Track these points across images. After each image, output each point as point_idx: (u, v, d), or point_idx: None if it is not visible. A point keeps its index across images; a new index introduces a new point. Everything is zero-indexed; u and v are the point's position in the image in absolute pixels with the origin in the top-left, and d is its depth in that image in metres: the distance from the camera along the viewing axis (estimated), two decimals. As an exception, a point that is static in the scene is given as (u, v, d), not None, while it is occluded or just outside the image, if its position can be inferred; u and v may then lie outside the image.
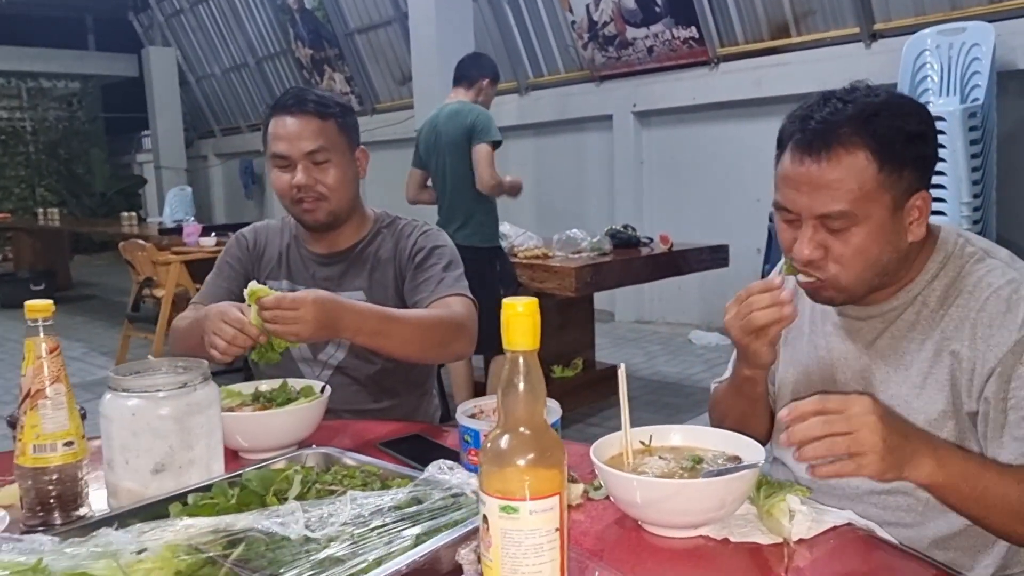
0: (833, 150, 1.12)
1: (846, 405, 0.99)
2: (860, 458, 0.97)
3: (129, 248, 5.81)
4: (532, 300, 0.76)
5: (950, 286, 1.20)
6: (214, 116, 13.09)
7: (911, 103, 1.18)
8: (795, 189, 1.15)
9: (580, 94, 7.14)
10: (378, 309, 1.61)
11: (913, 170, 1.15)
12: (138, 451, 1.12)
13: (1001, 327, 1.13)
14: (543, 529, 0.76)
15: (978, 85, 4.29)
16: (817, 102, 1.17)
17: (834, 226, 1.14)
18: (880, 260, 1.16)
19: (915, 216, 1.17)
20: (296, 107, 1.74)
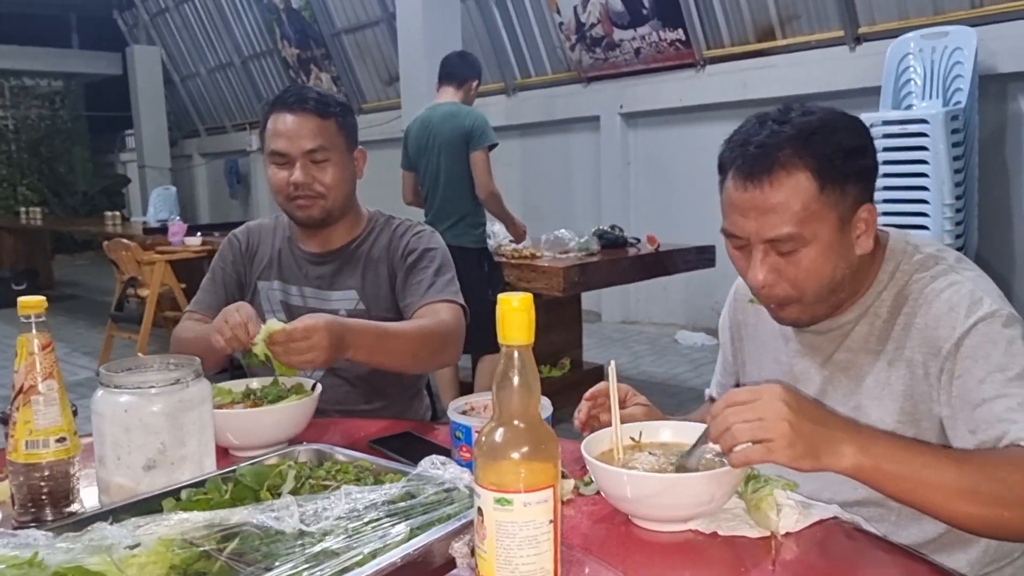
0: (774, 174, 1.12)
1: (755, 395, 1.00)
2: (768, 444, 0.97)
3: (113, 247, 5.77)
4: (527, 295, 0.77)
5: (898, 295, 1.21)
6: (199, 115, 13.03)
7: (845, 118, 1.18)
8: (741, 215, 1.16)
9: (567, 95, 7.16)
10: (373, 326, 1.61)
11: (855, 184, 1.15)
12: (130, 447, 1.12)
13: (945, 327, 1.14)
14: (537, 521, 0.77)
15: (960, 89, 4.34)
16: (754, 126, 1.17)
17: (783, 249, 1.15)
18: (834, 277, 1.17)
19: (862, 229, 1.18)
20: (297, 105, 1.74)
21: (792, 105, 1.19)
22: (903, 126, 4.30)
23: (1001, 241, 4.71)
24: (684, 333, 6.17)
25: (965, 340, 1.12)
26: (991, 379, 1.08)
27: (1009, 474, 0.98)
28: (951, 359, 1.13)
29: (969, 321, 1.12)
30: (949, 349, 1.13)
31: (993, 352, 1.09)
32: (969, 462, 1.01)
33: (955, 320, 1.13)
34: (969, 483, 0.98)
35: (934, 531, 1.19)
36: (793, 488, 1.09)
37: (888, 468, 0.99)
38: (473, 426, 1.22)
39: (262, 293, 1.90)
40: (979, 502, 0.97)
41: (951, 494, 0.98)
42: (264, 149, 1.81)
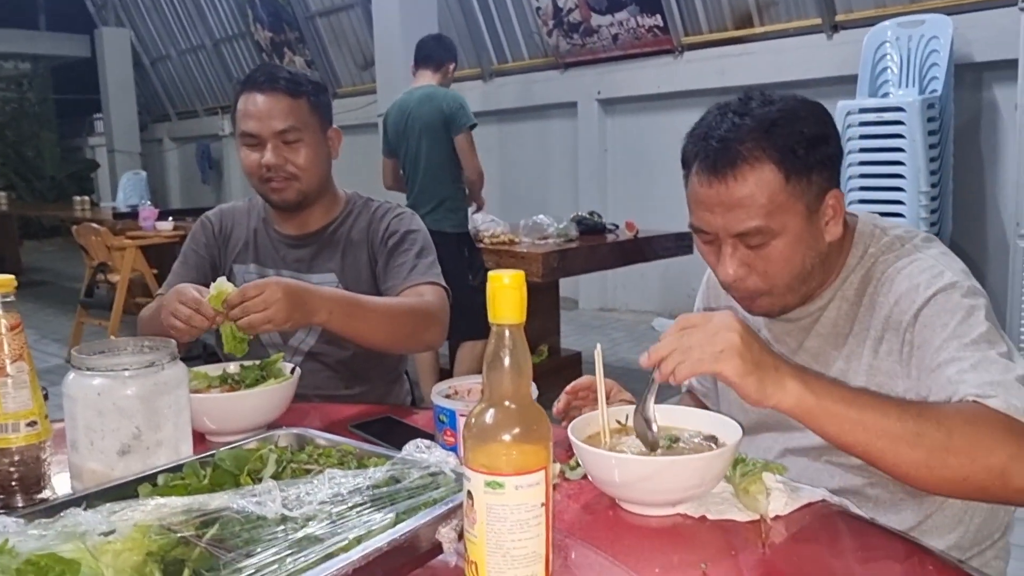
0: (738, 168, 1.11)
1: (707, 317, 1.00)
2: (719, 354, 0.96)
3: (83, 232, 5.67)
4: (519, 273, 0.75)
5: (864, 277, 1.21)
6: (169, 99, 12.83)
7: (806, 106, 1.17)
8: (708, 211, 1.15)
9: (544, 81, 7.13)
10: (347, 294, 1.58)
11: (820, 172, 1.15)
12: (104, 432, 1.08)
13: (906, 302, 1.14)
14: (528, 504, 0.75)
15: (936, 77, 4.37)
16: (715, 118, 1.16)
17: (752, 243, 1.14)
18: (804, 267, 1.17)
19: (830, 215, 1.17)
20: (267, 84, 1.69)
21: (752, 95, 1.17)
22: (880, 114, 4.33)
23: (975, 229, 4.76)
24: (661, 320, 6.18)
25: (923, 310, 1.11)
26: (947, 345, 1.07)
27: (955, 422, 0.96)
28: (910, 330, 1.13)
29: (928, 292, 1.12)
30: (908, 321, 1.13)
31: (950, 321, 1.09)
32: (913, 407, 1.00)
33: (915, 294, 1.13)
34: (914, 427, 0.96)
35: (913, 519, 1.19)
36: (781, 472, 1.08)
37: (831, 407, 0.98)
38: (457, 410, 1.20)
39: (238, 276, 1.85)
40: (924, 446, 0.95)
41: (895, 438, 0.96)
42: (235, 131, 1.76)
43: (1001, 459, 0.94)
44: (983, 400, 0.98)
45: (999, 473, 0.94)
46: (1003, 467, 0.94)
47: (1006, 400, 0.97)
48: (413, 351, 1.79)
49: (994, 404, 0.97)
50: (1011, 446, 0.94)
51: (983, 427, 0.96)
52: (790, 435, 1.26)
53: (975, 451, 0.95)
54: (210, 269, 1.88)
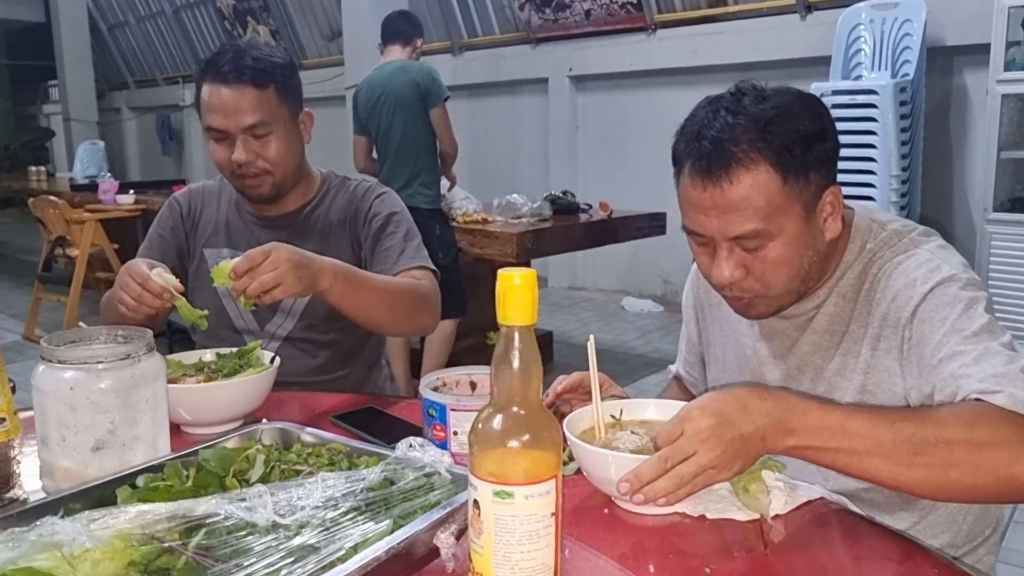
0: (733, 171, 1.07)
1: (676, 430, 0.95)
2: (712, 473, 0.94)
3: (39, 205, 5.50)
4: (530, 272, 0.71)
5: (861, 273, 1.18)
6: (128, 67, 12.47)
7: (801, 100, 1.12)
8: (703, 214, 1.11)
9: (515, 56, 7.04)
10: (348, 265, 1.52)
11: (818, 170, 1.11)
12: (76, 428, 1.02)
13: (903, 298, 1.11)
14: (539, 514, 0.72)
15: (908, 60, 4.38)
16: (707, 115, 1.11)
17: (749, 245, 1.10)
18: (803, 267, 1.14)
19: (828, 212, 1.14)
20: (232, 75, 1.59)
21: (745, 89, 1.13)
22: (852, 96, 4.34)
23: (943, 213, 4.81)
24: (631, 300, 6.19)
25: (921, 305, 1.09)
26: (947, 340, 1.05)
27: (955, 431, 0.92)
28: (909, 327, 1.10)
29: (926, 287, 1.09)
30: (907, 317, 1.10)
31: (950, 314, 1.06)
32: (908, 423, 0.94)
33: (912, 289, 1.11)
34: (910, 447, 0.92)
35: (908, 521, 1.18)
36: (780, 469, 1.06)
37: (823, 446, 0.95)
38: (448, 404, 1.16)
39: (210, 261, 1.77)
40: (922, 465, 0.92)
41: (892, 462, 0.93)
42: (201, 120, 1.67)
43: (1006, 463, 0.91)
44: (987, 397, 0.95)
45: (1007, 478, 0.91)
46: (1010, 471, 0.91)
47: (1011, 394, 0.94)
48: (408, 333, 1.75)
49: (999, 400, 0.94)
50: (1013, 446, 0.91)
51: (985, 432, 0.92)
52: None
53: (978, 460, 0.91)
54: (176, 255, 1.80)
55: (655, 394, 1.48)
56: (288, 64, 1.69)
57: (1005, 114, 4.02)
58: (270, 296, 1.33)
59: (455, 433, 1.16)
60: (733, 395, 0.97)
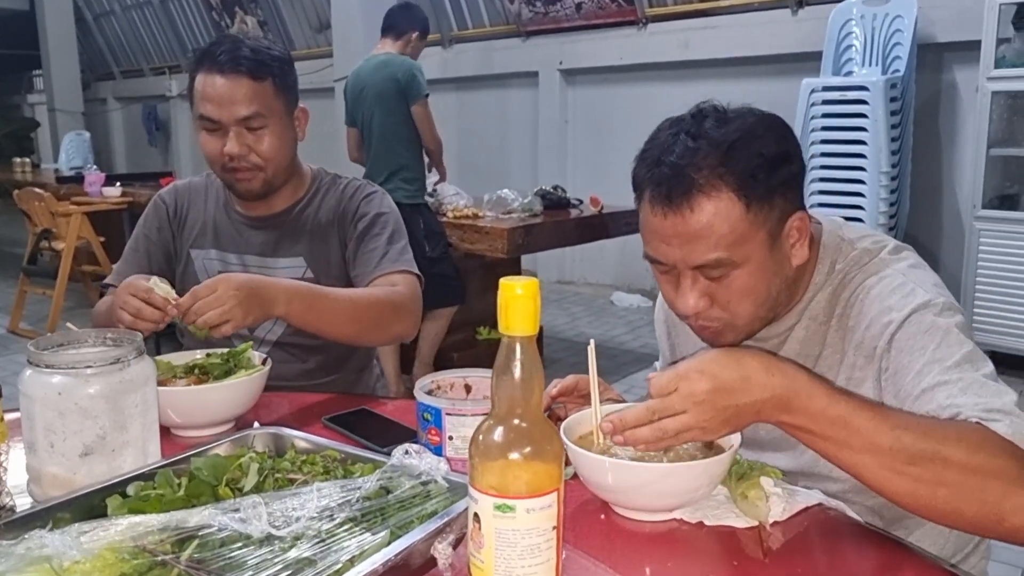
0: (694, 198, 1.02)
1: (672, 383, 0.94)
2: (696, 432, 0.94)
3: (25, 197, 5.43)
4: (532, 281, 0.70)
5: (832, 295, 1.15)
6: (114, 57, 12.35)
7: (764, 122, 1.08)
8: (664, 242, 1.07)
9: (505, 49, 7.00)
10: (307, 285, 1.50)
11: (783, 195, 1.07)
12: (65, 433, 1.00)
13: (877, 326, 1.08)
14: (540, 528, 0.71)
15: (899, 57, 4.39)
16: (666, 139, 1.07)
17: (713, 274, 1.07)
18: (770, 295, 1.10)
19: (795, 238, 1.10)
20: (229, 65, 1.55)
21: (706, 111, 1.09)
22: (843, 92, 4.34)
23: (931, 210, 4.82)
24: (620, 294, 6.18)
25: (897, 334, 1.06)
26: (928, 370, 1.01)
27: (953, 451, 0.88)
28: (886, 356, 1.07)
29: (901, 314, 1.06)
30: (883, 347, 1.07)
31: (929, 343, 1.02)
32: (909, 432, 0.90)
33: (887, 317, 1.07)
34: (906, 455, 0.89)
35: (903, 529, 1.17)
36: (779, 476, 1.06)
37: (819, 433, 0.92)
38: (443, 408, 1.15)
39: (196, 262, 1.74)
40: (911, 476, 0.89)
41: (882, 462, 0.90)
42: (192, 109, 1.62)
43: (996, 495, 0.87)
44: (987, 423, 0.91)
45: (992, 510, 0.88)
46: (998, 504, 0.87)
47: (1012, 423, 0.91)
48: (382, 343, 1.72)
49: (1000, 429, 0.90)
50: (1007, 480, 0.87)
51: (985, 459, 0.88)
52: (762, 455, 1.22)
53: (969, 485, 0.88)
54: (163, 257, 1.76)
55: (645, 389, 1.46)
56: (286, 58, 1.66)
57: (995, 111, 4.04)
58: (218, 332, 1.33)
59: (450, 438, 1.15)
60: (739, 364, 0.93)
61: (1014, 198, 4.16)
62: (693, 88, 5.79)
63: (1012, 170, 4.18)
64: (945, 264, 4.66)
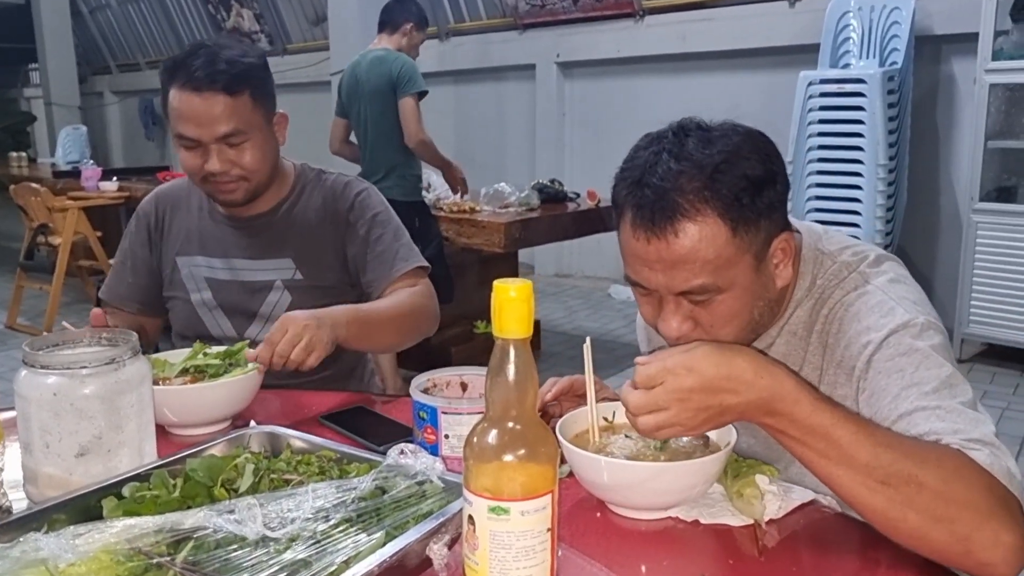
0: (679, 222, 0.99)
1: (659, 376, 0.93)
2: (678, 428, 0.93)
3: (21, 192, 5.42)
4: (526, 283, 0.70)
5: (812, 311, 1.14)
6: (110, 51, 12.31)
7: (748, 141, 1.05)
8: (647, 267, 1.04)
9: (502, 42, 6.98)
10: (354, 307, 1.53)
11: (768, 217, 1.04)
12: (60, 434, 1.00)
13: (856, 346, 1.07)
14: (535, 530, 0.71)
15: (897, 49, 4.38)
16: (648, 158, 1.04)
17: (697, 299, 1.05)
18: (753, 318, 1.09)
19: (780, 259, 1.09)
20: (205, 82, 1.50)
21: (689, 128, 1.06)
22: (841, 85, 4.33)
23: (929, 202, 4.82)
24: (618, 287, 6.18)
25: (875, 356, 1.04)
26: (906, 395, 0.99)
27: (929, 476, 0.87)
28: (863, 378, 1.06)
29: (880, 335, 1.04)
30: (862, 368, 1.06)
31: (907, 366, 1.01)
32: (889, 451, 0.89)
33: (866, 337, 1.06)
34: (882, 473, 0.88)
35: None
36: (775, 474, 1.06)
37: (797, 439, 0.92)
38: (439, 407, 1.15)
39: (183, 270, 1.73)
40: (885, 496, 0.88)
41: (857, 478, 0.89)
42: (168, 122, 1.59)
43: (967, 526, 0.85)
44: (968, 452, 0.90)
45: (961, 539, 0.85)
46: (967, 535, 0.85)
47: (992, 454, 0.90)
48: (412, 344, 1.74)
49: (980, 458, 0.89)
50: (981, 513, 0.85)
51: (961, 488, 0.86)
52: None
53: (940, 513, 0.86)
54: (148, 271, 1.76)
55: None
56: (262, 64, 1.62)
57: (992, 103, 4.03)
58: (306, 365, 1.35)
59: (446, 436, 1.15)
60: (729, 363, 0.92)
61: (1012, 191, 4.16)
62: (690, 81, 5.79)
63: (1010, 162, 4.18)
64: (943, 257, 4.66)
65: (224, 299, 1.70)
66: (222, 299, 1.70)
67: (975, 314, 4.13)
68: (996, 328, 4.09)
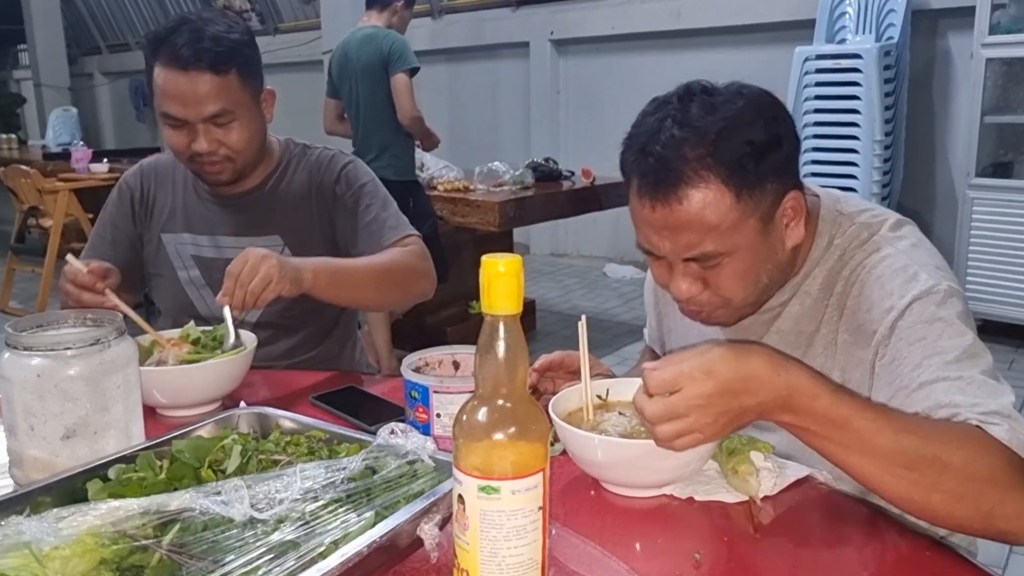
0: (682, 190, 1.00)
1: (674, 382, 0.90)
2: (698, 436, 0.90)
3: (11, 174, 5.38)
4: (515, 258, 0.68)
5: (831, 272, 1.13)
6: (99, 31, 12.17)
7: (751, 105, 1.04)
8: (654, 233, 1.05)
9: (495, 19, 6.92)
10: (326, 259, 1.50)
11: (775, 180, 1.04)
12: (45, 416, 0.99)
13: (878, 310, 1.07)
14: (526, 509, 0.69)
15: (893, 24, 4.35)
16: (652, 124, 1.04)
17: (705, 263, 1.06)
18: (762, 280, 1.09)
19: (790, 217, 1.08)
20: (191, 61, 1.46)
21: (693, 92, 1.05)
22: (837, 60, 4.30)
23: (925, 178, 4.80)
24: (613, 266, 6.17)
25: (899, 323, 1.04)
26: (928, 363, 0.99)
27: (953, 455, 0.88)
28: (885, 343, 1.05)
29: (903, 301, 1.04)
30: (884, 333, 1.05)
31: (929, 334, 1.01)
32: (908, 435, 0.89)
33: (889, 302, 1.05)
34: (905, 459, 0.88)
35: None
36: (769, 450, 1.05)
37: (819, 433, 0.91)
38: (431, 386, 1.13)
39: (169, 247, 1.71)
40: (913, 478, 0.88)
41: (883, 466, 0.89)
42: (153, 100, 1.55)
43: (991, 501, 0.88)
44: (986, 427, 0.90)
45: (986, 514, 0.88)
46: (990, 510, 0.88)
47: (1011, 428, 0.89)
48: (407, 304, 1.73)
49: (998, 433, 0.89)
50: (1003, 487, 0.87)
51: (983, 465, 0.88)
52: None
53: (963, 491, 0.88)
54: (129, 245, 1.73)
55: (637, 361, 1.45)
56: (249, 40, 1.58)
57: (989, 78, 4.00)
58: (262, 299, 1.32)
59: (438, 415, 1.14)
60: (745, 363, 0.89)
61: (1008, 166, 4.14)
62: (686, 57, 5.74)
63: (1006, 138, 4.16)
64: (938, 232, 4.65)
65: (212, 277, 1.68)
66: (210, 277, 1.68)
67: (971, 290, 4.12)
68: (992, 304, 4.09)
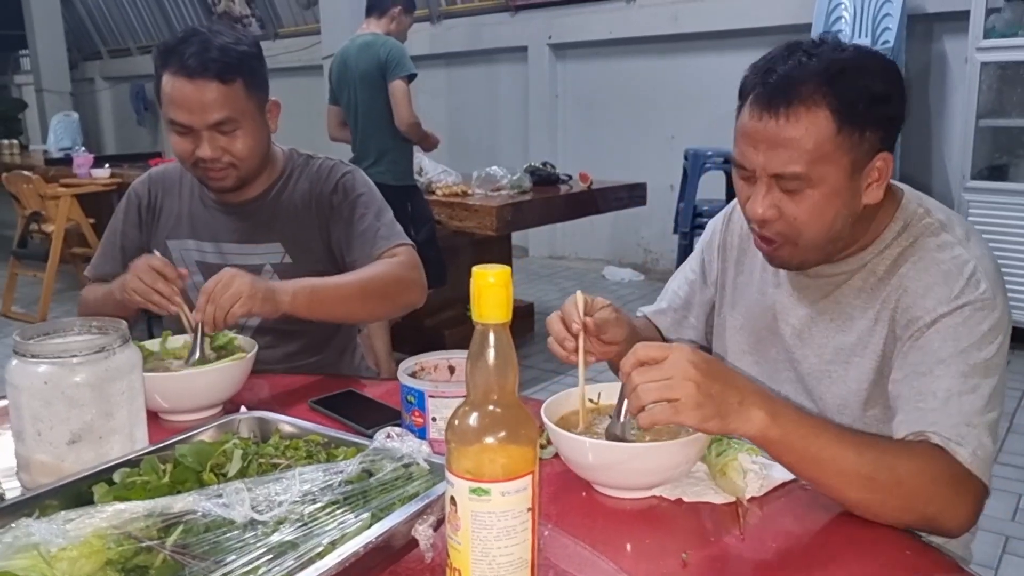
0: (793, 107, 1.07)
1: (662, 352, 0.97)
2: (675, 404, 0.94)
3: (13, 180, 5.41)
4: (504, 269, 0.71)
5: (900, 256, 1.18)
6: (100, 36, 12.22)
7: (879, 62, 1.11)
8: (752, 146, 1.11)
9: (494, 24, 6.95)
10: (300, 280, 1.52)
11: (875, 131, 1.09)
12: (52, 422, 1.02)
13: (933, 298, 1.11)
14: (515, 510, 0.72)
15: (889, 28, 4.37)
16: (781, 53, 1.11)
17: (788, 187, 1.11)
18: (835, 224, 1.13)
19: (875, 177, 1.12)
20: (197, 69, 1.51)
21: (827, 37, 1.14)
22: (832, 65, 4.32)
23: (920, 180, 4.82)
24: (611, 269, 6.20)
25: (945, 319, 1.09)
26: (951, 361, 1.07)
27: (909, 475, 0.99)
28: (925, 329, 1.10)
29: (958, 301, 1.09)
30: (928, 321, 1.10)
31: (964, 338, 1.08)
32: (871, 448, 1.01)
33: (945, 294, 1.10)
34: (867, 471, 0.98)
35: None
36: (757, 452, 1.07)
37: (794, 442, 0.98)
38: (427, 391, 1.16)
39: (174, 253, 1.74)
40: (870, 490, 0.98)
41: (843, 476, 0.98)
42: (160, 107, 1.60)
43: (935, 510, 0.99)
44: (951, 451, 1.01)
45: (930, 519, 1.00)
46: (935, 515, 0.99)
47: (972, 452, 1.01)
48: (395, 315, 1.74)
49: (961, 455, 1.01)
50: (947, 498, 1.00)
51: (934, 483, 0.99)
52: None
53: (916, 502, 0.99)
54: (138, 251, 1.74)
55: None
56: (256, 52, 1.62)
57: (984, 82, 4.03)
58: (232, 315, 1.35)
59: (433, 419, 1.17)
60: (725, 367, 1.03)
61: (1003, 169, 4.17)
62: (683, 62, 5.78)
63: (1001, 141, 4.19)
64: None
65: None
66: None
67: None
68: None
